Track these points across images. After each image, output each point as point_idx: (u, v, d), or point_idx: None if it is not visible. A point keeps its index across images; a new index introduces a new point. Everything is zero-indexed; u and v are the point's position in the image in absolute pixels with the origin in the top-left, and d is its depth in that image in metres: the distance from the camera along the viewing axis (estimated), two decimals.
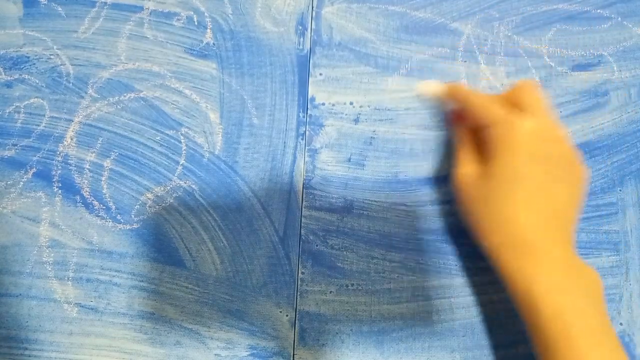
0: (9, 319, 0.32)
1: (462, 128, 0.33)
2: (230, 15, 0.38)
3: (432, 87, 0.33)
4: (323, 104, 0.37)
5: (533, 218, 0.27)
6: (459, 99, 0.32)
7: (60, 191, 0.34)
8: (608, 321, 0.27)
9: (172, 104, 0.36)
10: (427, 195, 0.35)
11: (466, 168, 0.31)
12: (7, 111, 0.36)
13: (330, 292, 0.33)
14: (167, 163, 0.35)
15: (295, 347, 0.32)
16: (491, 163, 0.29)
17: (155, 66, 0.37)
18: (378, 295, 0.33)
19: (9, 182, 0.35)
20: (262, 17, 0.38)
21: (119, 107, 0.36)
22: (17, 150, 0.35)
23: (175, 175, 0.35)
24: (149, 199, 0.34)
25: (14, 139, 0.35)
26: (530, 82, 0.31)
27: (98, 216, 0.34)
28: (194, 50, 0.37)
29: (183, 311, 0.33)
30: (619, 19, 0.39)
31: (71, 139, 0.35)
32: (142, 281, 0.33)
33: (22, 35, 0.37)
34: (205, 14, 0.38)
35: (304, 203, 0.35)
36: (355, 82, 0.37)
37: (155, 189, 0.35)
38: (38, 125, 0.36)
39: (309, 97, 0.37)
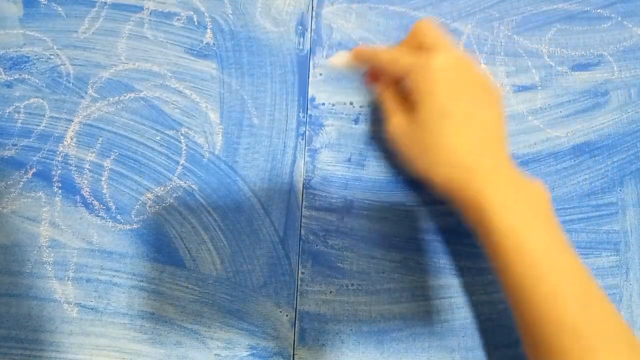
0: (9, 319, 0.32)
1: (381, 84, 0.33)
2: (230, 15, 0.38)
3: (341, 57, 0.34)
4: (323, 104, 0.37)
5: (467, 144, 0.28)
6: (368, 61, 0.33)
7: (60, 191, 0.34)
8: (558, 231, 0.28)
9: (172, 104, 0.36)
10: (427, 195, 0.35)
11: (396, 119, 0.31)
12: (7, 111, 0.36)
13: (330, 292, 0.33)
14: (167, 163, 0.35)
15: (295, 347, 0.32)
16: (417, 108, 0.29)
17: (155, 66, 0.37)
18: (378, 295, 0.33)
19: (9, 182, 0.35)
20: (262, 17, 0.38)
21: (119, 107, 0.36)
22: (17, 150, 0.35)
23: (175, 175, 0.35)
24: (149, 199, 0.34)
25: (14, 139, 0.35)
26: (426, 22, 0.31)
27: (98, 216, 0.34)
28: (194, 50, 0.37)
29: (183, 311, 0.33)
30: (619, 19, 0.39)
31: (71, 139, 0.35)
32: (142, 281, 0.33)
33: (22, 35, 0.37)
34: (205, 14, 0.38)
35: (304, 203, 0.35)
36: (355, 82, 0.37)
37: (155, 189, 0.35)
38: (38, 125, 0.36)
39: (309, 97, 0.37)
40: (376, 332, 0.33)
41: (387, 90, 0.33)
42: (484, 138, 0.29)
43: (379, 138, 0.36)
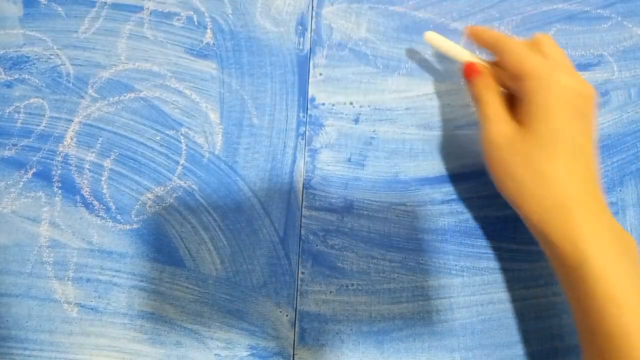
0: (9, 319, 0.33)
1: (483, 82, 0.31)
2: (230, 15, 0.38)
3: (442, 41, 0.33)
4: (323, 104, 0.37)
5: (576, 179, 0.27)
6: (487, 42, 0.31)
7: (60, 191, 0.34)
8: None
9: (172, 104, 0.36)
10: (427, 195, 0.35)
11: (500, 127, 0.29)
12: (7, 111, 0.36)
13: (330, 292, 0.33)
14: (167, 163, 0.35)
15: (295, 347, 0.32)
16: (530, 121, 0.27)
17: (155, 66, 0.37)
18: (378, 295, 0.33)
19: (9, 182, 0.35)
20: (262, 17, 0.38)
21: (119, 107, 0.36)
22: (17, 150, 0.35)
23: (175, 175, 0.35)
24: (149, 199, 0.34)
25: (14, 139, 0.35)
26: (549, 36, 0.30)
27: (98, 216, 0.34)
28: (194, 50, 0.37)
29: (183, 311, 0.33)
30: (619, 19, 0.39)
31: (71, 139, 0.35)
32: (142, 281, 0.33)
33: (22, 35, 0.37)
34: (205, 14, 0.38)
35: (304, 203, 0.35)
36: (355, 82, 0.37)
37: (155, 189, 0.35)
38: (38, 125, 0.36)
39: (309, 97, 0.37)
40: (376, 332, 0.33)
41: (490, 90, 0.30)
42: (589, 175, 0.27)
43: (379, 138, 0.36)
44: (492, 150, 0.29)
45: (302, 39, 0.38)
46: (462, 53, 0.33)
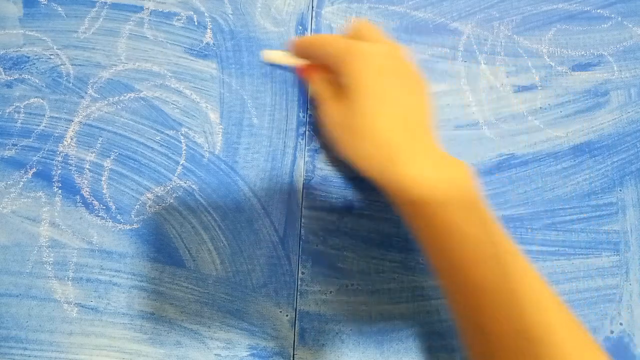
0: (9, 319, 0.33)
1: (315, 73, 0.33)
2: (230, 15, 0.38)
3: (278, 55, 0.36)
4: None
5: (391, 124, 0.29)
6: (307, 48, 0.33)
7: (60, 191, 0.34)
8: (479, 204, 0.28)
9: (172, 104, 0.36)
10: None
11: (327, 106, 0.31)
12: (7, 111, 0.36)
13: (330, 292, 0.33)
14: (167, 163, 0.35)
15: (295, 347, 0.32)
16: (346, 91, 0.30)
17: (155, 66, 0.37)
18: (378, 295, 0.33)
19: (9, 182, 0.35)
20: (262, 17, 0.38)
21: (119, 107, 0.36)
22: (17, 150, 0.35)
23: (175, 175, 0.35)
24: (149, 199, 0.34)
25: (14, 139, 0.35)
26: (366, 21, 0.32)
27: (98, 216, 0.34)
28: (194, 50, 0.37)
29: (183, 311, 0.33)
30: (619, 19, 0.39)
31: (71, 139, 0.35)
32: (142, 281, 0.33)
33: (22, 35, 0.37)
34: (205, 14, 0.38)
35: (304, 203, 0.35)
36: None
37: (155, 189, 0.35)
38: (38, 125, 0.36)
39: (309, 97, 0.37)
40: (376, 332, 0.33)
41: (319, 78, 0.33)
42: (406, 120, 0.29)
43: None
44: (330, 127, 0.31)
45: None
46: (296, 60, 0.34)
